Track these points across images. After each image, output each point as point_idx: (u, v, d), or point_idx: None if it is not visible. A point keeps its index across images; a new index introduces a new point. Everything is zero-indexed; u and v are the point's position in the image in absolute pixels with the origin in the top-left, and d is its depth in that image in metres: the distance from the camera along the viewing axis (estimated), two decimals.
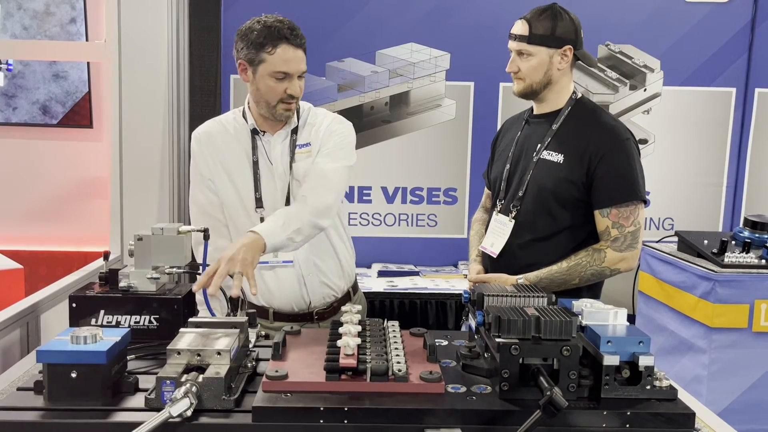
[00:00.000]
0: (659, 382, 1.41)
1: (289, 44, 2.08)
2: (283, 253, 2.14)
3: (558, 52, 2.21)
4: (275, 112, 2.14)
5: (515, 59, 2.25)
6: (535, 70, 2.22)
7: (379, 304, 3.57)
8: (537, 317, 1.40)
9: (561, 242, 2.24)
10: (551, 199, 2.22)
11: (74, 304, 1.76)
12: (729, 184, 4.14)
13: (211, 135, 2.24)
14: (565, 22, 2.22)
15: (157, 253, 1.81)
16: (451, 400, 1.40)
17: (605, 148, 2.17)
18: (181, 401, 1.29)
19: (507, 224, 2.28)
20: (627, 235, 2.17)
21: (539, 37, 2.19)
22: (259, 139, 2.21)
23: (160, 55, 3.70)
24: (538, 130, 2.31)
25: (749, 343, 2.78)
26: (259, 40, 2.06)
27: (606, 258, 2.17)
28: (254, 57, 2.09)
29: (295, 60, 2.09)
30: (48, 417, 1.35)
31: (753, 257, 2.84)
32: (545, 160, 2.24)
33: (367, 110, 3.94)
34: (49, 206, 3.98)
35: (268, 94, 2.11)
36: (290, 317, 2.24)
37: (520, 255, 2.26)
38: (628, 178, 2.17)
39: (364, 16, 3.86)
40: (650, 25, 3.97)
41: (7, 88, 3.94)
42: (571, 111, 2.27)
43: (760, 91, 4.07)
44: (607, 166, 2.16)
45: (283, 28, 2.07)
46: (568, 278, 2.18)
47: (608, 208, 2.17)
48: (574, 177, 2.19)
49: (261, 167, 2.20)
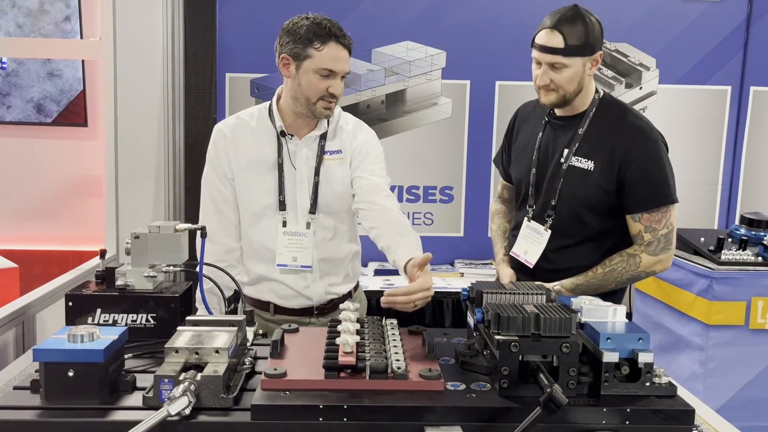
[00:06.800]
0: (658, 379, 1.41)
1: (338, 43, 2.09)
2: (302, 257, 2.19)
3: (591, 59, 2.14)
4: (315, 109, 2.13)
5: (547, 71, 2.12)
6: (571, 82, 2.13)
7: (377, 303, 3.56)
8: (536, 314, 1.40)
9: (592, 247, 2.22)
10: (583, 207, 2.19)
11: (71, 303, 1.75)
12: (724, 181, 4.15)
13: (236, 132, 2.23)
14: (595, 28, 2.12)
15: (154, 252, 1.80)
16: (451, 397, 1.39)
17: (634, 152, 2.12)
18: (179, 399, 1.28)
19: (543, 233, 2.24)
20: (660, 238, 2.14)
21: (575, 48, 2.09)
22: (285, 141, 2.21)
23: (156, 53, 3.69)
24: (564, 133, 2.25)
25: (746, 340, 2.79)
26: (308, 36, 2.06)
27: (641, 263, 2.15)
28: (300, 52, 2.08)
29: (342, 59, 2.10)
30: (45, 416, 1.34)
31: (750, 254, 2.84)
32: (575, 168, 2.19)
33: (364, 108, 3.93)
34: (44, 205, 3.97)
35: (310, 90, 2.10)
36: (291, 311, 2.25)
37: (553, 260, 2.24)
38: (658, 182, 2.14)
39: (359, 14, 3.85)
40: (646, 23, 3.98)
41: (1, 86, 3.92)
42: (596, 112, 2.21)
43: (755, 89, 4.08)
44: (638, 171, 2.12)
45: (333, 26, 2.09)
46: (605, 284, 2.16)
47: (640, 213, 2.14)
48: (605, 184, 2.15)
49: (285, 170, 2.20)
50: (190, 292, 1.85)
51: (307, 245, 2.20)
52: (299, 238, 2.20)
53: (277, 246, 2.20)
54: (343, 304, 1.69)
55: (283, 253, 2.20)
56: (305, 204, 2.21)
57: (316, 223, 2.21)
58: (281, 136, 2.20)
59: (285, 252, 2.20)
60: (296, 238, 2.20)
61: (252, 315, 1.75)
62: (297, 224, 2.20)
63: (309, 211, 2.21)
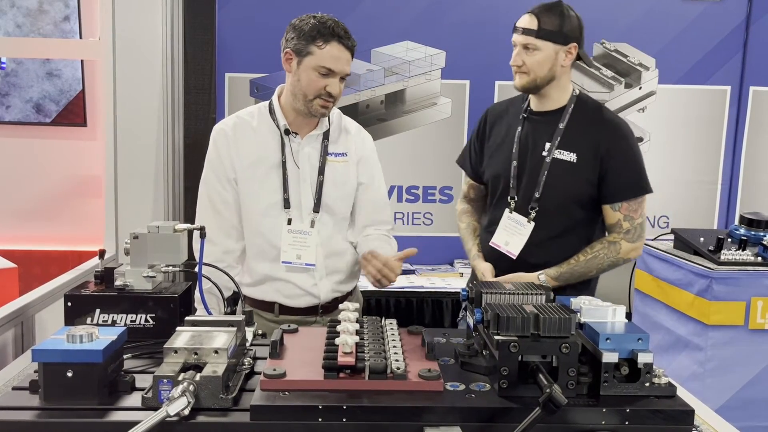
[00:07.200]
0: (658, 379, 1.41)
1: (341, 43, 2.12)
2: (306, 255, 2.21)
3: (564, 49, 2.23)
4: (311, 106, 2.15)
5: (520, 53, 2.24)
6: (541, 65, 2.23)
7: (375, 303, 3.57)
8: (536, 315, 1.40)
9: (574, 238, 2.31)
10: (569, 198, 2.28)
11: (69, 303, 1.75)
12: (724, 181, 4.15)
13: (237, 132, 2.24)
14: (572, 20, 2.24)
15: (153, 252, 1.79)
16: (450, 397, 1.39)
17: (615, 146, 2.25)
18: (178, 400, 1.28)
19: (526, 225, 2.30)
20: (637, 226, 2.28)
21: (547, 33, 2.20)
22: (288, 140, 2.22)
23: (155, 52, 3.69)
24: (543, 127, 2.32)
25: (746, 341, 2.78)
26: (312, 33, 2.10)
27: (621, 249, 2.27)
28: (303, 48, 2.11)
29: (342, 60, 2.13)
30: (44, 416, 1.34)
31: (749, 254, 2.84)
32: (559, 160, 2.27)
33: (363, 108, 3.93)
34: (43, 205, 3.97)
35: (308, 87, 2.13)
36: (296, 311, 2.26)
37: (537, 253, 2.30)
38: (636, 174, 2.27)
39: (359, 14, 3.85)
40: (645, 23, 3.98)
41: (1, 86, 3.92)
42: (574, 108, 2.31)
43: (754, 89, 4.08)
44: (618, 163, 2.24)
45: (337, 27, 2.12)
46: (587, 271, 2.27)
47: (620, 203, 2.26)
48: (588, 176, 2.25)
49: (288, 168, 2.21)
50: (189, 292, 1.85)
51: (311, 243, 2.21)
52: (303, 236, 2.22)
53: (281, 244, 2.21)
54: (343, 304, 1.69)
55: (288, 250, 2.21)
56: (309, 203, 2.23)
57: (319, 221, 2.23)
58: (285, 134, 2.21)
59: (289, 249, 2.21)
60: (300, 236, 2.22)
61: (251, 315, 1.75)
62: (301, 222, 2.22)
63: (313, 210, 2.22)
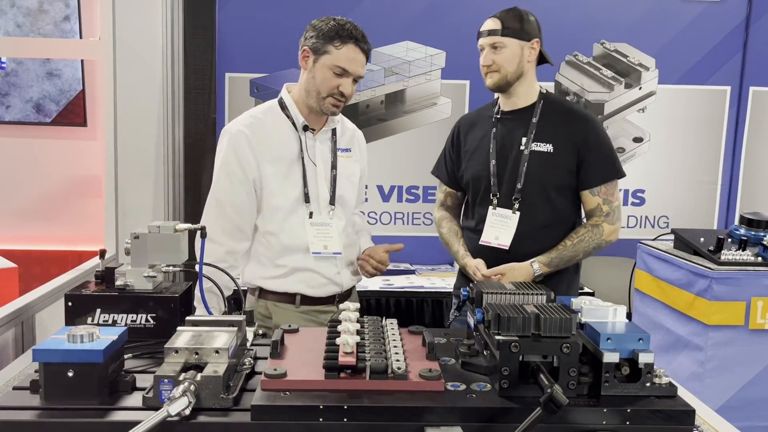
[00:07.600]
0: (659, 379, 1.41)
1: (357, 46, 2.20)
2: (331, 245, 2.30)
3: (528, 45, 2.39)
4: (323, 104, 2.24)
5: (489, 53, 2.38)
6: (509, 62, 2.37)
7: (375, 303, 3.57)
8: (537, 314, 1.40)
9: (561, 227, 2.44)
10: (550, 187, 2.40)
11: (70, 303, 1.75)
12: (724, 181, 4.15)
13: (256, 131, 2.28)
14: (530, 19, 2.41)
15: (154, 252, 1.79)
16: (451, 397, 1.39)
17: (589, 134, 2.40)
18: (179, 400, 1.28)
19: (511, 217, 2.41)
20: (615, 209, 2.43)
21: (511, 30, 2.36)
22: (304, 136, 2.29)
23: (155, 52, 3.69)
24: (517, 124, 2.45)
25: (746, 341, 2.78)
26: (330, 34, 2.19)
27: (604, 231, 2.41)
28: (320, 47, 2.20)
29: (357, 62, 2.21)
30: (44, 416, 1.34)
31: (749, 254, 2.84)
32: (537, 152, 2.40)
33: (363, 108, 3.94)
34: (44, 205, 3.97)
35: (322, 85, 2.21)
36: (318, 300, 2.33)
37: (527, 244, 2.39)
38: (610, 159, 2.43)
39: (359, 14, 3.85)
40: (645, 23, 3.98)
41: (1, 86, 3.92)
42: (544, 104, 2.45)
43: (754, 89, 4.09)
44: (593, 149, 2.39)
45: (355, 30, 2.21)
46: (575, 254, 2.40)
47: (598, 187, 2.40)
48: (567, 164, 2.39)
49: (305, 163, 2.29)
50: (189, 292, 1.85)
51: (333, 234, 2.30)
52: (325, 227, 2.30)
53: (307, 236, 2.28)
54: (343, 304, 1.69)
55: (314, 242, 2.29)
56: (326, 196, 2.32)
57: (335, 214, 2.33)
58: (303, 131, 2.29)
59: (316, 241, 2.29)
60: (323, 228, 2.30)
61: (252, 315, 1.75)
62: (321, 215, 2.31)
63: (329, 203, 2.32)
